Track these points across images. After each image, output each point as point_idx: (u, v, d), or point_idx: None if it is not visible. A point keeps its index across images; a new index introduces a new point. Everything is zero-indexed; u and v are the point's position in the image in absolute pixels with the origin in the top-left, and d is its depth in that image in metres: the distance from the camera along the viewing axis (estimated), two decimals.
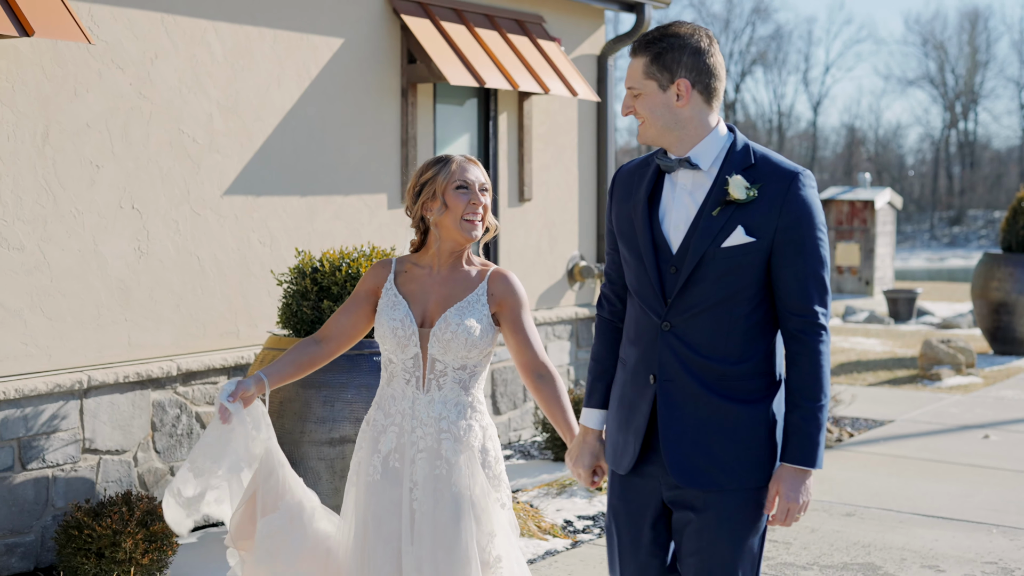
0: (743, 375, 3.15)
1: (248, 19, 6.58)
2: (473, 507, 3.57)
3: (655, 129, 3.16)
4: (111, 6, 5.90)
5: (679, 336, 3.15)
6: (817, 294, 3.11)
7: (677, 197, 3.18)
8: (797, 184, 3.09)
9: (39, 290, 5.67)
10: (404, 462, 3.61)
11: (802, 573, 5.78)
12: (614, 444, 3.33)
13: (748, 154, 3.14)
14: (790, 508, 3.15)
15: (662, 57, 3.09)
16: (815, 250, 3.11)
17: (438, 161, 3.66)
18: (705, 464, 3.16)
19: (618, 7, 9.04)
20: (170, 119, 6.21)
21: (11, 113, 5.52)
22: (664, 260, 3.16)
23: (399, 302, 3.64)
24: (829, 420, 9.46)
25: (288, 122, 6.83)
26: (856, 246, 22.88)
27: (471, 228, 3.62)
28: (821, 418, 3.15)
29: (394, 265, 3.73)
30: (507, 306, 3.66)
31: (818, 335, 3.12)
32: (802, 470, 3.15)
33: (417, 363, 3.63)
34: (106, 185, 5.93)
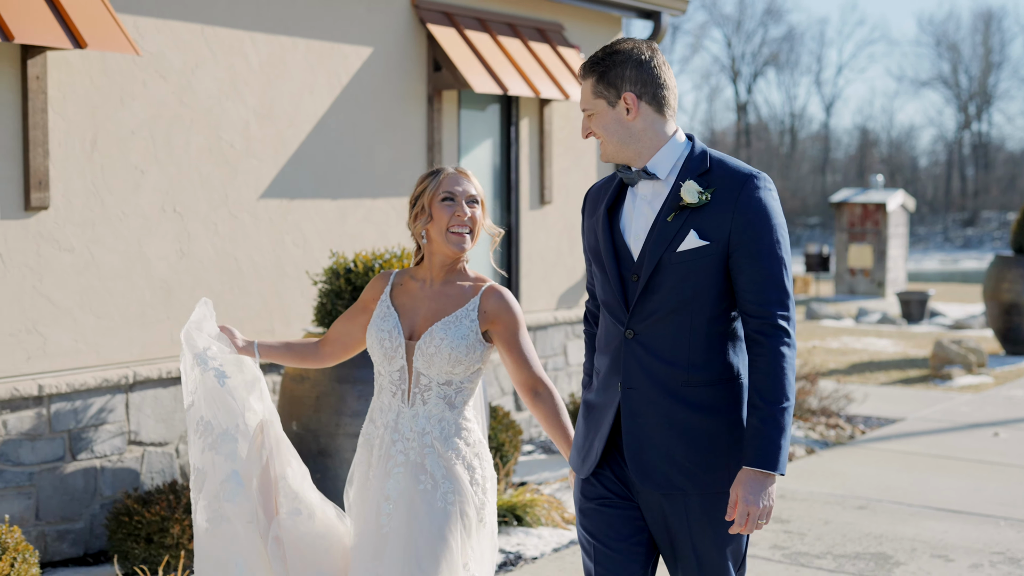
0: (706, 381, 3.15)
1: (282, 30, 6.86)
2: (453, 526, 3.53)
3: (612, 145, 3.20)
4: (155, 18, 6.18)
5: (642, 343, 3.17)
6: (775, 296, 3.09)
7: (638, 207, 3.22)
8: (751, 187, 3.10)
9: (88, 289, 5.95)
10: (379, 475, 3.59)
11: (816, 562, 6.02)
12: (579, 448, 3.36)
13: (704, 159, 3.17)
14: (750, 512, 3.08)
15: (607, 75, 3.15)
16: (771, 252, 3.09)
17: (429, 174, 3.66)
18: (667, 469, 3.16)
19: (635, 14, 9.30)
20: (209, 126, 6.49)
21: (63, 121, 5.80)
22: (626, 268, 3.20)
23: (390, 314, 3.64)
24: (842, 417, 9.71)
25: (320, 128, 7.11)
26: (869, 248, 23.09)
27: (457, 240, 3.59)
28: (782, 421, 3.09)
29: (393, 278, 3.74)
30: (501, 323, 3.62)
31: (778, 337, 3.10)
32: (763, 473, 3.08)
33: (403, 376, 3.61)
34: (150, 189, 6.21)
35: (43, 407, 5.74)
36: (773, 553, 6.15)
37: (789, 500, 7.22)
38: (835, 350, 14.58)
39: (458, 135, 8.13)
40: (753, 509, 3.07)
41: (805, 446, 8.73)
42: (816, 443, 8.88)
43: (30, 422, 5.70)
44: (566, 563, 5.95)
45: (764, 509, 3.09)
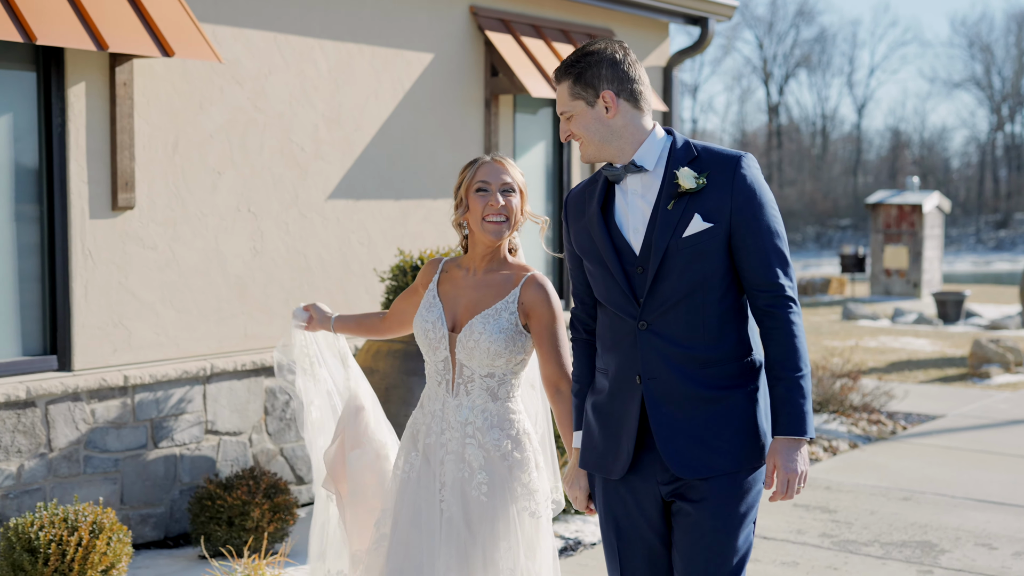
0: (722, 359, 3.20)
1: (350, 37, 7.15)
2: (490, 515, 3.57)
3: (594, 145, 3.24)
4: (231, 27, 6.48)
5: (657, 332, 3.20)
6: (779, 267, 3.18)
7: (631, 202, 3.26)
8: (742, 167, 3.18)
9: (169, 285, 6.26)
10: (434, 462, 3.65)
11: (864, 549, 6.26)
12: (603, 452, 3.34)
13: (690, 148, 3.23)
14: (789, 479, 3.17)
15: (583, 76, 3.20)
16: (769, 225, 3.18)
17: (468, 165, 3.71)
18: (702, 453, 3.20)
19: (683, 20, 9.54)
20: (281, 130, 6.79)
21: (147, 125, 6.11)
22: (628, 263, 3.23)
23: (435, 304, 3.68)
24: (883, 413, 9.93)
25: (384, 132, 7.40)
26: (904, 249, 23.22)
27: (492, 229, 3.61)
28: (805, 387, 3.17)
29: (441, 265, 3.78)
30: (536, 316, 3.63)
31: (787, 307, 3.18)
32: (795, 440, 3.17)
33: (447, 366, 3.65)
34: (226, 190, 6.51)
35: (128, 397, 6.05)
36: (822, 541, 6.39)
37: (835, 491, 7.45)
38: (873, 349, 14.77)
39: (513, 138, 8.40)
40: (792, 475, 3.16)
41: (848, 441, 8.95)
42: (859, 438, 9.10)
43: (116, 411, 6.01)
44: None
45: (802, 473, 3.18)
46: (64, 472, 5.82)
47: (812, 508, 7.06)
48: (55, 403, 5.76)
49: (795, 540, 6.41)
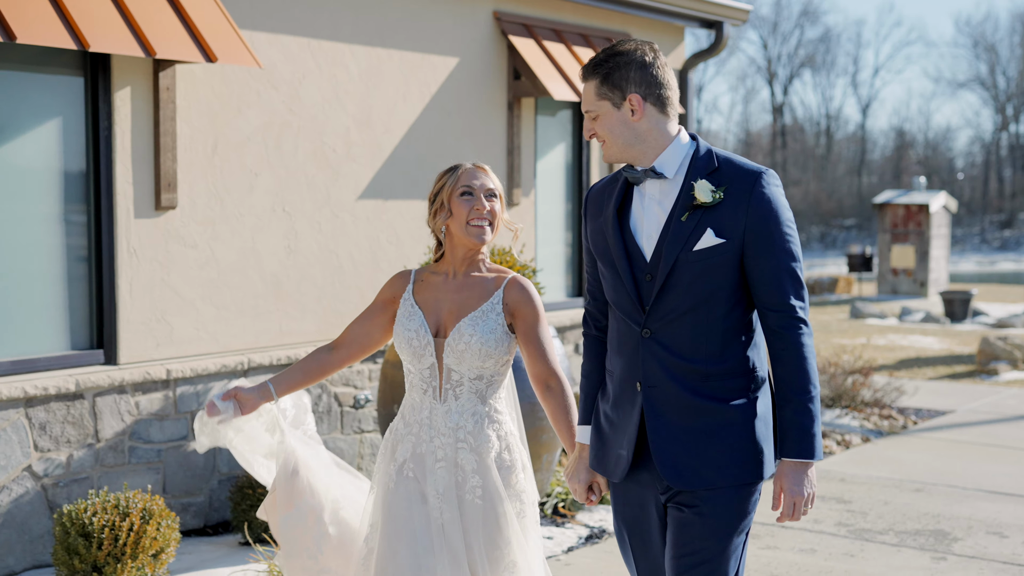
0: (725, 374, 3.17)
1: (379, 42, 7.38)
2: (486, 518, 3.59)
3: (617, 147, 3.21)
4: (267, 33, 6.71)
5: (660, 342, 3.18)
6: (792, 288, 3.14)
7: (647, 207, 3.23)
8: (761, 183, 3.13)
9: (209, 282, 6.49)
10: (424, 472, 3.63)
11: (879, 537, 6.48)
12: (607, 454, 3.36)
13: (711, 159, 3.18)
14: (796, 502, 3.17)
15: (611, 76, 3.16)
16: (784, 245, 3.14)
17: (448, 171, 3.71)
18: (696, 464, 3.19)
19: (698, 24, 9.76)
20: (314, 132, 7.02)
21: (188, 127, 6.34)
22: (639, 268, 3.21)
23: (415, 312, 3.66)
24: (894, 408, 10.15)
25: (412, 134, 7.63)
26: (911, 249, 23.45)
27: (477, 232, 3.62)
28: (814, 410, 3.15)
29: (413, 275, 3.77)
30: (521, 316, 3.64)
31: (798, 328, 3.14)
32: (802, 463, 3.15)
33: (433, 373, 3.64)
34: (262, 191, 6.74)
35: (170, 390, 6.28)
36: (839, 529, 6.61)
37: (849, 483, 7.67)
38: (882, 347, 14.99)
39: (535, 139, 8.63)
40: (799, 499, 3.16)
41: (861, 435, 9.18)
42: (871, 432, 9.33)
43: (159, 403, 6.24)
44: None
45: (808, 496, 3.18)
46: (110, 462, 6.05)
47: (827, 499, 7.28)
48: (102, 395, 5.99)
49: (812, 529, 6.63)
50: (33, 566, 5.77)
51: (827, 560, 6.07)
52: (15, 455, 5.66)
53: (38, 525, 5.77)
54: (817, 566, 5.97)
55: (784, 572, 5.87)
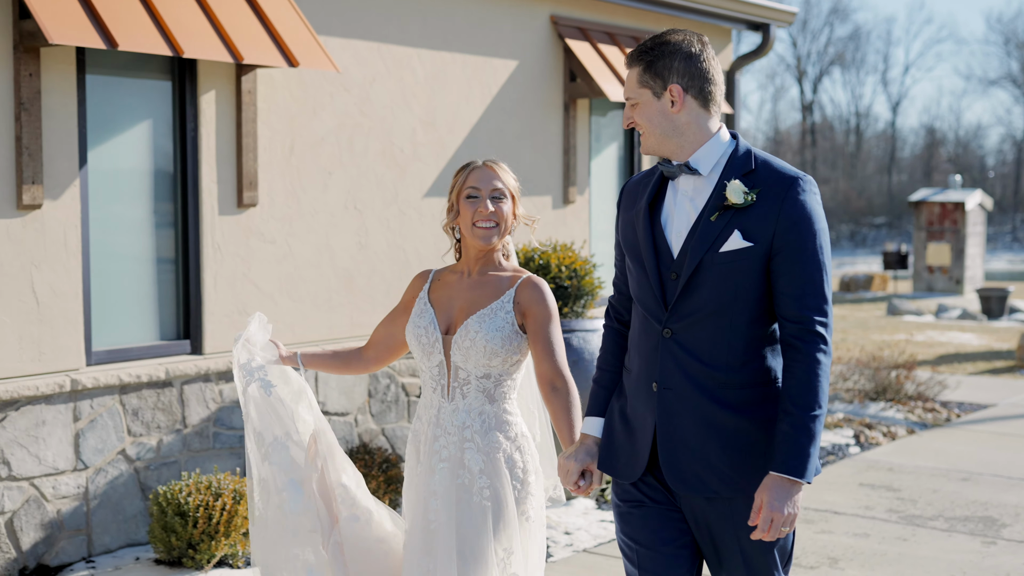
0: (744, 384, 3.08)
1: (444, 46, 7.67)
2: (493, 520, 3.53)
3: (654, 138, 3.12)
4: (340, 38, 7.01)
5: (680, 343, 3.09)
6: (814, 301, 3.02)
7: (679, 203, 3.15)
8: (796, 189, 3.03)
9: (286, 277, 6.80)
10: (425, 471, 3.61)
11: (930, 523, 6.72)
12: (624, 453, 3.26)
13: (749, 159, 3.09)
14: (774, 518, 2.99)
15: (654, 65, 3.07)
16: (813, 256, 3.02)
17: (460, 169, 3.69)
18: (702, 471, 3.10)
19: (745, 26, 10.01)
20: (383, 133, 7.32)
21: (267, 129, 6.65)
22: (665, 266, 3.12)
23: (426, 310, 3.66)
24: (937, 402, 10.37)
25: (473, 134, 7.92)
26: (947, 246, 23.60)
27: (481, 234, 3.59)
28: (814, 428, 3.00)
29: (432, 275, 3.77)
30: (531, 316, 3.59)
31: (815, 343, 3.01)
32: (789, 480, 3.00)
33: (442, 371, 3.62)
34: (335, 189, 7.05)
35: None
36: (890, 516, 6.86)
37: (897, 472, 7.92)
38: (921, 343, 15.20)
39: (589, 139, 8.91)
40: (777, 516, 2.98)
41: (906, 427, 9.41)
42: (915, 424, 9.56)
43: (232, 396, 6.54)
44: None
45: (788, 516, 3.00)
46: (196, 447, 6.36)
47: (877, 487, 7.52)
48: (189, 384, 6.31)
49: (864, 515, 6.88)
50: (127, 544, 6.09)
51: (880, 544, 6.32)
52: (111, 439, 5.99)
53: (131, 506, 6.09)
54: (871, 549, 6.22)
55: (841, 554, 6.13)
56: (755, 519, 3.02)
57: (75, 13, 5.47)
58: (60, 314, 5.78)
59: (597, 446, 3.30)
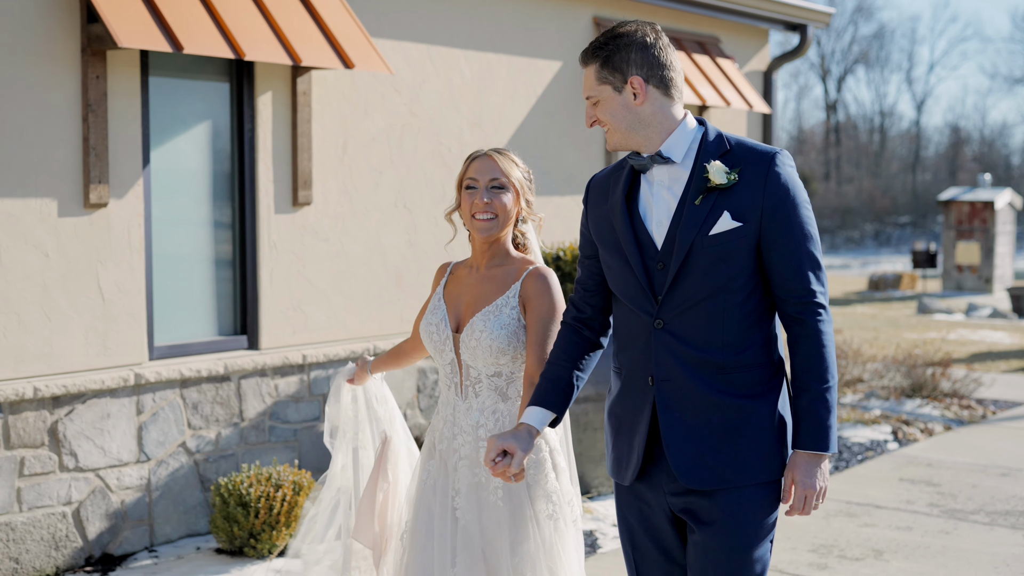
0: (742, 365, 3.04)
1: (490, 47, 7.81)
2: (509, 520, 3.47)
3: (620, 133, 3.07)
4: (391, 40, 7.16)
5: (673, 332, 3.03)
6: (811, 272, 3.01)
7: (656, 194, 3.09)
8: (776, 163, 3.01)
9: (339, 274, 6.95)
10: (448, 469, 3.56)
11: (971, 517, 6.82)
12: (617, 455, 3.20)
13: (722, 141, 3.06)
14: (807, 495, 3.02)
15: (611, 60, 3.03)
16: (803, 228, 3.01)
17: (467, 158, 3.61)
18: (712, 462, 3.03)
19: (783, 27, 10.11)
20: (432, 133, 7.46)
21: (321, 130, 6.80)
22: (650, 257, 3.06)
23: (439, 306, 3.61)
24: (972, 399, 10.44)
25: (519, 133, 8.05)
26: (976, 245, 23.61)
27: (479, 226, 3.50)
28: (830, 399, 3.01)
29: (450, 268, 3.71)
30: (531, 307, 3.49)
31: (818, 314, 3.01)
32: (816, 455, 3.02)
33: (454, 369, 3.56)
34: (386, 188, 7.19)
35: (304, 374, 6.75)
36: (931, 510, 6.96)
37: (937, 468, 8.01)
38: (953, 341, 15.25)
39: None
40: (810, 492, 3.02)
41: (943, 423, 9.50)
42: (952, 421, 9.65)
43: (295, 386, 6.71)
44: None
45: (820, 490, 3.04)
46: (252, 440, 6.52)
47: (917, 482, 7.62)
48: (246, 378, 6.47)
49: (905, 509, 6.98)
50: (187, 534, 6.25)
51: (924, 537, 6.42)
52: (172, 432, 6.15)
53: (191, 497, 6.25)
54: (915, 542, 6.32)
55: (885, 547, 6.23)
56: (788, 498, 3.05)
57: (142, 17, 5.63)
58: (124, 310, 5.95)
59: (529, 434, 3.17)
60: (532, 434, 3.17)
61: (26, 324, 5.58)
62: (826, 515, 6.82)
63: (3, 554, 5.51)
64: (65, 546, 5.74)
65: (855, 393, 10.61)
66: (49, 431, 5.67)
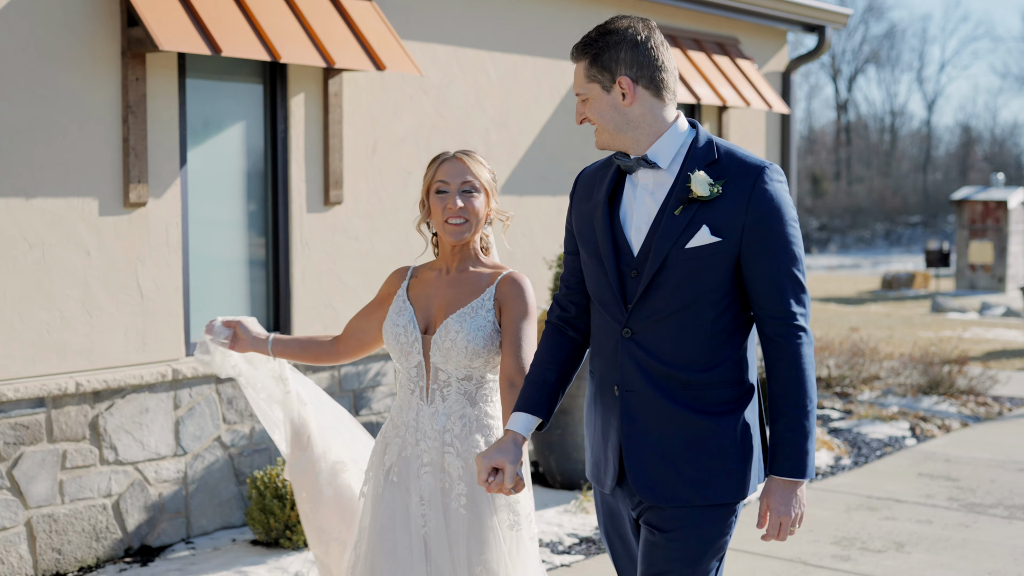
0: (710, 383, 2.93)
1: (516, 49, 7.94)
2: (470, 529, 3.42)
3: (607, 133, 2.97)
4: (419, 42, 7.29)
5: (640, 344, 2.93)
6: (793, 293, 2.88)
7: (638, 197, 2.98)
8: (764, 178, 2.87)
9: (368, 272, 7.09)
10: (409, 476, 3.46)
11: (990, 510, 6.93)
12: (596, 461, 3.13)
13: (711, 149, 2.93)
14: (782, 522, 2.93)
15: (600, 57, 2.92)
16: (786, 247, 2.88)
17: (432, 160, 3.54)
18: (670, 479, 2.94)
19: (801, 28, 10.22)
20: (459, 133, 7.59)
21: (352, 130, 6.94)
22: (625, 263, 2.96)
23: (405, 308, 3.52)
24: (989, 396, 10.55)
25: (543, 134, 8.18)
26: (989, 244, 23.70)
27: (452, 231, 3.45)
28: (808, 425, 2.90)
29: (411, 271, 3.63)
30: (507, 310, 3.44)
31: (797, 337, 2.89)
32: (792, 482, 2.92)
33: (421, 372, 3.47)
34: (414, 188, 7.33)
35: (335, 370, 6.88)
36: (950, 504, 7.07)
37: (955, 463, 8.12)
38: (968, 339, 15.36)
39: None
40: (785, 519, 2.93)
41: (959, 420, 9.61)
42: (968, 418, 9.76)
43: (326, 382, 6.84)
44: None
45: (796, 517, 2.94)
46: None
47: (936, 477, 7.74)
48: None
49: (925, 503, 7.09)
50: (222, 527, 6.39)
51: (944, 530, 6.53)
52: (207, 427, 6.29)
53: (226, 490, 6.39)
54: (935, 534, 6.44)
55: (906, 539, 6.35)
56: (762, 524, 2.96)
57: (181, 21, 5.77)
58: (162, 307, 6.09)
59: (515, 444, 3.08)
60: (518, 443, 3.08)
61: (68, 320, 5.72)
62: (847, 509, 6.94)
63: (46, 545, 5.65)
64: (105, 537, 5.88)
65: (872, 390, 10.73)
66: (90, 425, 5.81)
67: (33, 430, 5.60)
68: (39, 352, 5.62)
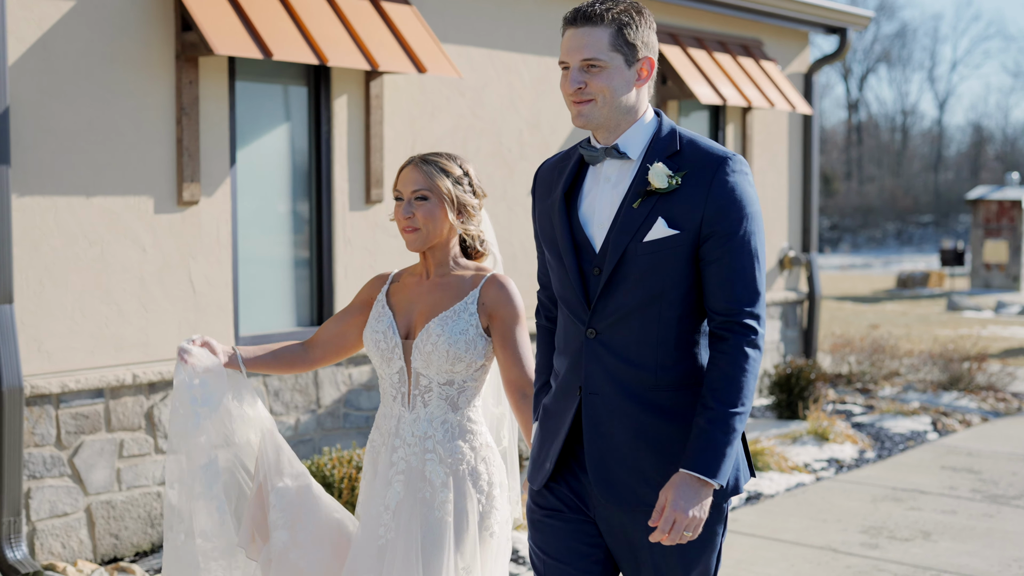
0: (676, 384, 2.81)
1: (547, 51, 8.14)
2: (454, 536, 3.31)
3: (608, 109, 2.80)
4: (456, 45, 7.50)
5: (605, 344, 2.82)
6: (744, 291, 2.75)
7: (600, 191, 2.87)
8: (725, 170, 2.75)
9: None
10: (382, 484, 3.37)
11: (1013, 501, 7.12)
12: (534, 457, 3.03)
13: (674, 139, 2.81)
14: (676, 519, 2.69)
15: (629, 29, 2.77)
16: (744, 243, 2.75)
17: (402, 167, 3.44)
18: (634, 483, 2.83)
19: (823, 30, 10.41)
20: (493, 134, 7.80)
21: (392, 131, 7.15)
22: (586, 261, 2.84)
23: (384, 313, 3.42)
24: (1007, 392, 10.73)
25: (575, 134, 8.38)
26: (1004, 243, 23.84)
27: (408, 241, 3.37)
28: (733, 425, 2.71)
29: (391, 277, 3.55)
30: (498, 318, 3.34)
31: (744, 335, 2.75)
32: (700, 480, 2.71)
33: (402, 378, 3.38)
34: None
35: None
36: (974, 495, 7.26)
37: (976, 456, 8.31)
38: (985, 337, 15.53)
39: None
40: (680, 517, 2.69)
41: (980, 415, 9.80)
42: (988, 413, 9.94)
43: (367, 376, 7.05)
44: (800, 499, 7.13)
45: (692, 520, 2.71)
46: (328, 426, 6.87)
47: (959, 469, 7.92)
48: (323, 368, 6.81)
49: (949, 494, 7.28)
50: None
51: (968, 520, 6.72)
52: None
53: None
54: (960, 524, 6.63)
55: (932, 529, 6.54)
56: (656, 519, 2.72)
57: (234, 26, 5.98)
58: (213, 302, 6.30)
59: None
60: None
61: (125, 314, 5.94)
62: (873, 500, 7.13)
63: (104, 530, 5.87)
64: (159, 524, 6.09)
65: (893, 386, 10.92)
66: (145, 415, 6.03)
67: (93, 420, 5.82)
68: (98, 344, 5.84)
